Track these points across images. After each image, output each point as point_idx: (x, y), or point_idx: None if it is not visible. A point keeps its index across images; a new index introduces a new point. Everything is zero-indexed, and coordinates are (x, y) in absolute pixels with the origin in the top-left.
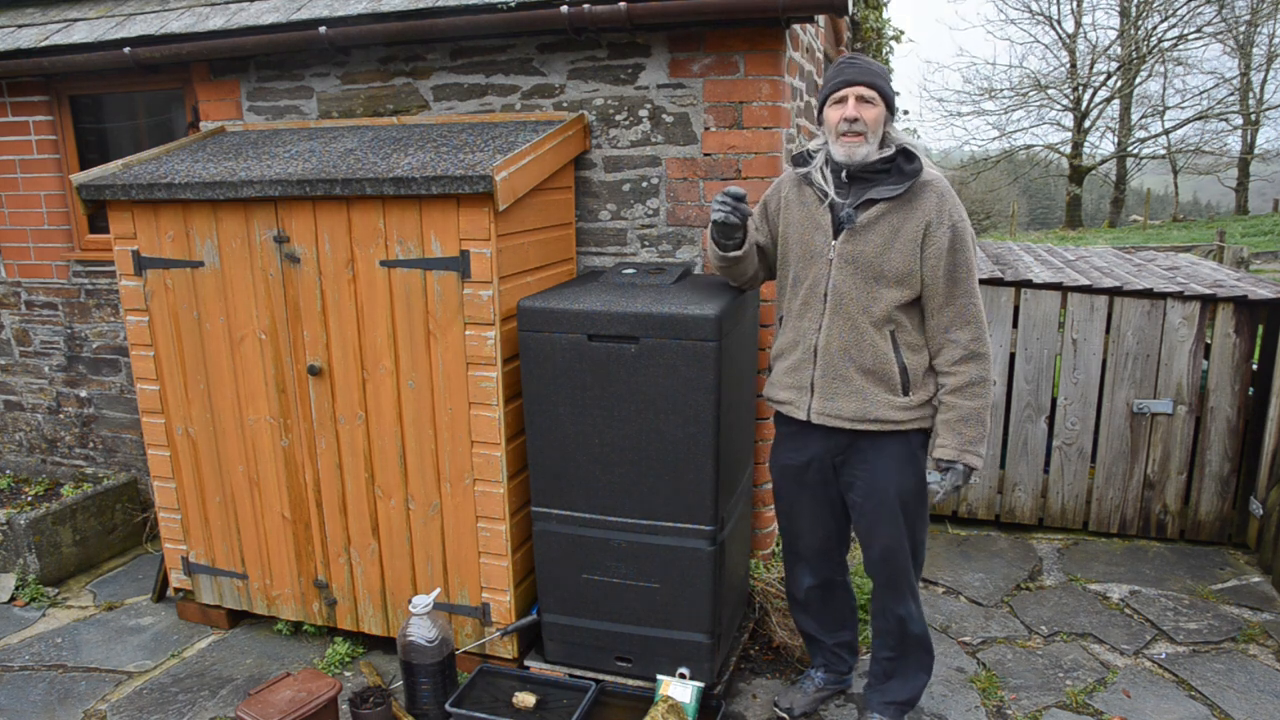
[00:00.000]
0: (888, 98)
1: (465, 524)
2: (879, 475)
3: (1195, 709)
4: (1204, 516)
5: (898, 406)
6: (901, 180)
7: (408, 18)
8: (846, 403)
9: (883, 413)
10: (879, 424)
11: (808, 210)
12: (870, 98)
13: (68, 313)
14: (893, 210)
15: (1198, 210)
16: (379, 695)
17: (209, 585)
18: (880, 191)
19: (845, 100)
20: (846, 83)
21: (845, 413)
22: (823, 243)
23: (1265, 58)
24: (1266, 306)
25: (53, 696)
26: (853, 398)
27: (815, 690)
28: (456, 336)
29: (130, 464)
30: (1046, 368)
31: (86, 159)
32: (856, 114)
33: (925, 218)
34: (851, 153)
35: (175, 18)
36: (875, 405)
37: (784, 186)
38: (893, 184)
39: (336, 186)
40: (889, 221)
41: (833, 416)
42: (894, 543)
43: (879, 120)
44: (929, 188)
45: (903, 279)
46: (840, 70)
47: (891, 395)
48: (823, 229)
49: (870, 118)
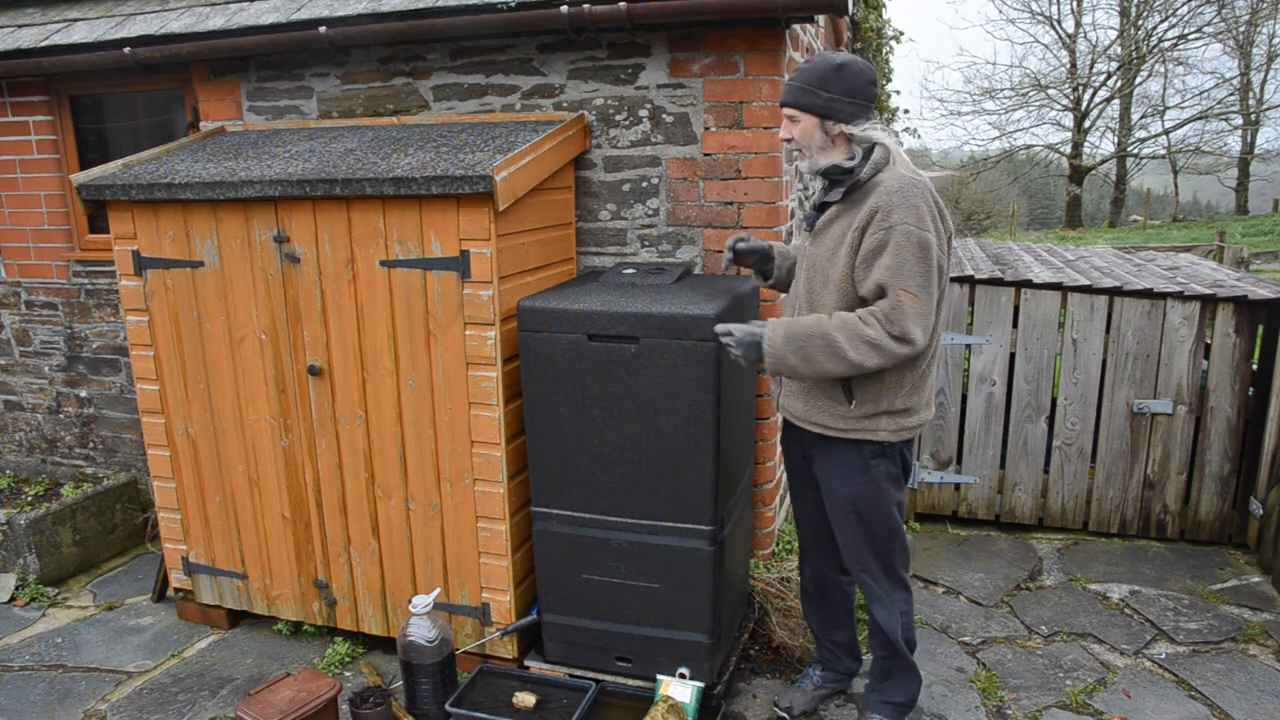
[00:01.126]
0: (811, 109)
1: (465, 524)
2: (831, 479)
3: (1195, 709)
4: (1204, 516)
5: (839, 414)
6: (845, 184)
7: (408, 18)
8: (795, 401)
9: (824, 418)
10: (822, 428)
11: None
12: (793, 115)
13: (68, 313)
14: (841, 214)
15: (1198, 210)
16: (379, 695)
17: (209, 585)
18: (832, 195)
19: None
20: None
21: (794, 410)
22: (805, 246)
23: (1265, 58)
24: (1266, 306)
25: (53, 696)
26: (799, 397)
27: (813, 688)
28: (456, 336)
29: (130, 464)
30: (1046, 368)
31: (86, 159)
32: (788, 134)
33: (863, 222)
34: (800, 165)
35: (175, 18)
36: (816, 409)
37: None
38: (841, 187)
39: (336, 186)
40: (838, 225)
41: (787, 411)
42: (851, 546)
43: (809, 132)
44: (875, 189)
45: (840, 284)
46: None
47: (833, 402)
48: (805, 232)
49: (799, 133)
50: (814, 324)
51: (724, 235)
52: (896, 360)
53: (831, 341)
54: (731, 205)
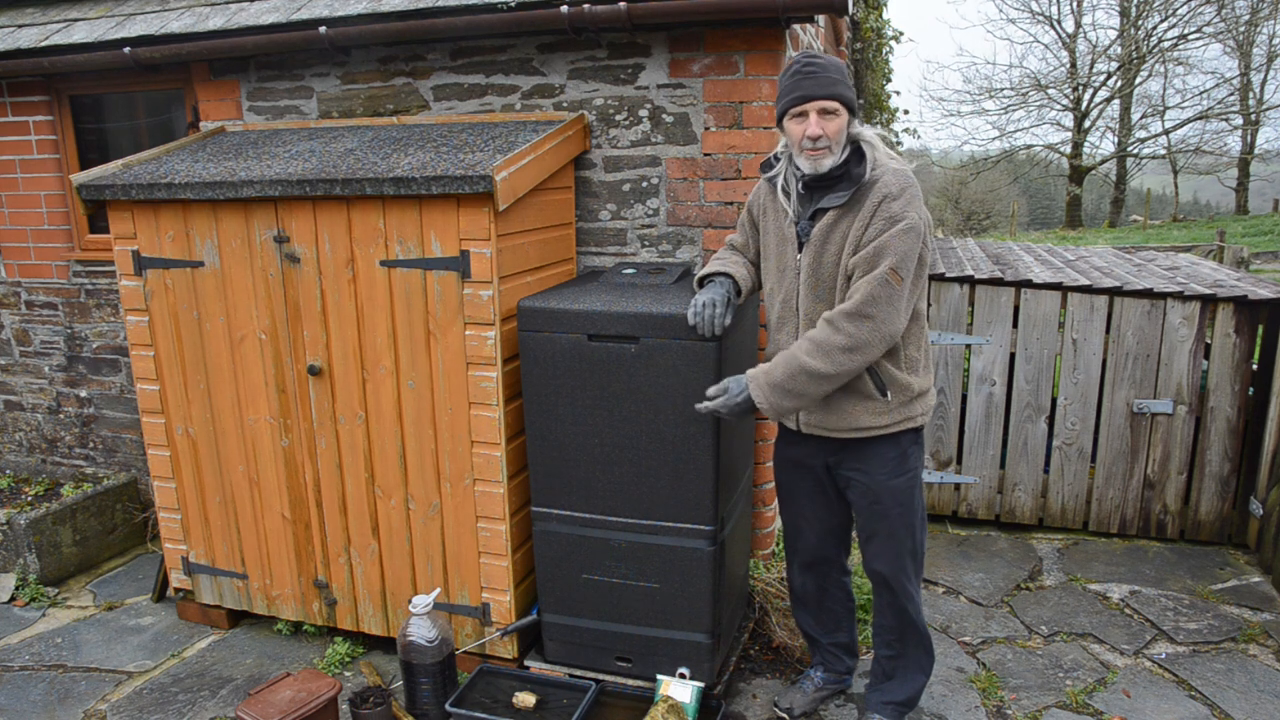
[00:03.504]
0: (850, 105)
1: (465, 524)
2: (872, 476)
3: (1195, 709)
4: (1204, 516)
5: (878, 411)
6: (849, 186)
7: (408, 18)
8: (828, 417)
9: (866, 420)
10: (865, 430)
11: (778, 222)
12: (833, 109)
13: (68, 313)
14: (842, 217)
15: (1198, 210)
16: (379, 695)
17: (209, 585)
18: (830, 200)
19: (807, 115)
20: (805, 97)
21: (829, 424)
22: (791, 256)
23: (1265, 58)
24: (1266, 306)
25: (53, 696)
26: (833, 413)
27: (814, 690)
28: (456, 336)
29: (130, 464)
30: (1046, 368)
31: (86, 159)
32: (819, 131)
33: (866, 217)
34: (818, 165)
35: (175, 18)
36: (856, 416)
37: (762, 192)
38: (841, 190)
39: (336, 186)
40: (840, 230)
41: (820, 428)
42: (891, 541)
43: (842, 130)
44: (875, 187)
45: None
46: (797, 82)
47: (869, 402)
48: (790, 242)
49: (833, 130)
50: (787, 363)
51: (724, 235)
52: (878, 352)
53: (810, 370)
54: (731, 205)
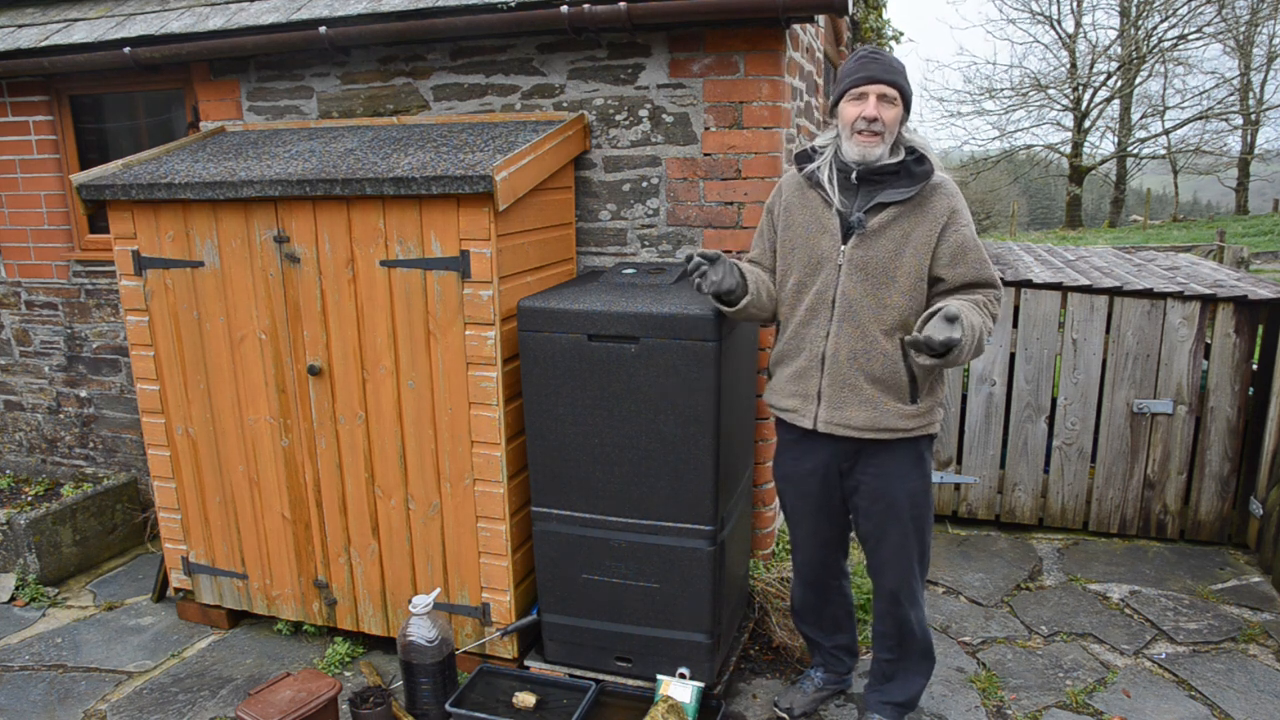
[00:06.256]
0: (908, 99)
1: (465, 524)
2: (889, 480)
3: (1195, 709)
4: (1204, 516)
5: (907, 414)
6: (913, 183)
7: (408, 18)
8: (856, 412)
9: (892, 421)
10: (889, 432)
11: (813, 213)
12: (892, 98)
13: (68, 313)
14: (904, 214)
15: (1198, 210)
16: (379, 695)
17: (209, 585)
18: (890, 195)
19: (866, 97)
20: (869, 79)
21: (855, 422)
22: (830, 247)
23: (1265, 58)
24: (1266, 306)
25: (53, 696)
26: (863, 407)
27: (815, 690)
28: (456, 336)
29: (130, 464)
30: (1046, 368)
31: (86, 159)
32: (876, 113)
33: (939, 221)
34: (866, 153)
35: (175, 18)
36: (885, 414)
37: (785, 189)
38: (904, 187)
39: (336, 186)
40: (900, 226)
41: (841, 425)
42: (901, 547)
43: (896, 121)
44: (939, 190)
45: (915, 285)
46: (862, 64)
47: (900, 403)
48: (830, 233)
49: (889, 118)
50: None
51: (724, 235)
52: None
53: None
54: (731, 205)
